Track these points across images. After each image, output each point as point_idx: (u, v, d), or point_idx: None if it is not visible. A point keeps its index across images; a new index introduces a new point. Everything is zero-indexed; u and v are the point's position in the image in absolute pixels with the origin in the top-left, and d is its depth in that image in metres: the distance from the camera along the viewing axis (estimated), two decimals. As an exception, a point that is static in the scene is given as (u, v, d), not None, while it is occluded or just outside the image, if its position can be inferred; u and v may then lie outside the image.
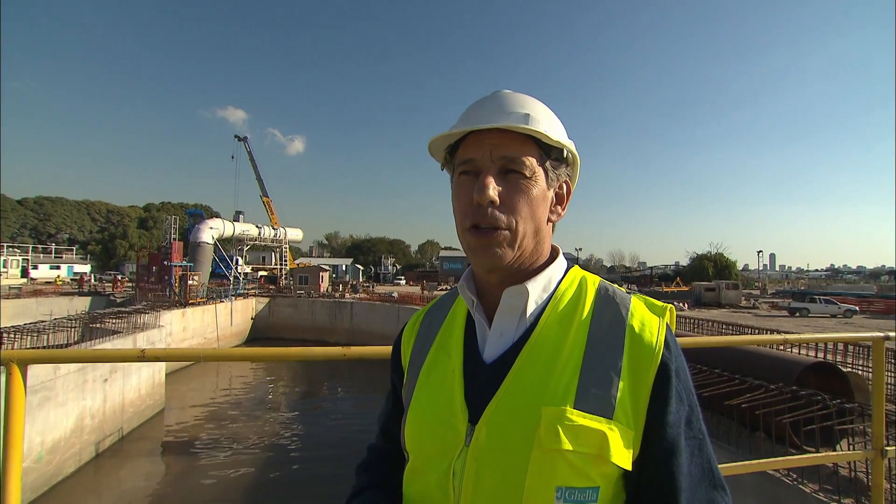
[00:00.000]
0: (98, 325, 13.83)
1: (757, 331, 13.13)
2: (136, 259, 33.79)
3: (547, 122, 0.63)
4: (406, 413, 0.68)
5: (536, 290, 0.63)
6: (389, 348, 1.29)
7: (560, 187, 0.67)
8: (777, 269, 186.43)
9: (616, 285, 0.68)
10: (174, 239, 26.20)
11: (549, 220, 0.66)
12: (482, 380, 0.61)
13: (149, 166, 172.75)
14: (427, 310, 0.80)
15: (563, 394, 0.55)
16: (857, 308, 24.60)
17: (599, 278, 0.67)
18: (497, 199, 0.59)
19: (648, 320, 0.60)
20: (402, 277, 65.28)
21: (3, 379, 1.19)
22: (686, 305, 28.29)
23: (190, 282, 23.76)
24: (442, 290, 42.57)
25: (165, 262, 25.05)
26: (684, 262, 65.43)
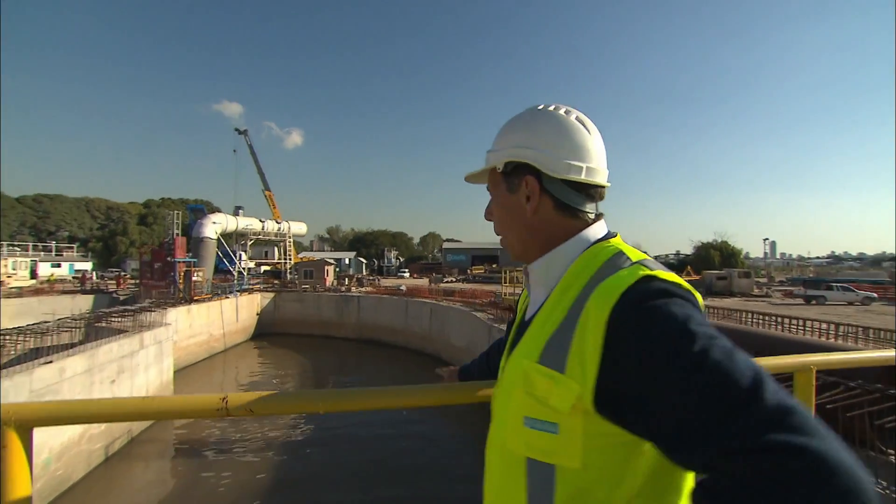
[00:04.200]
0: (103, 325, 13.38)
1: (783, 318, 12.62)
2: (137, 256, 33.24)
3: (493, 154, 0.82)
4: None
5: (540, 268, 0.78)
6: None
7: (527, 187, 0.78)
8: (778, 256, 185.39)
9: (642, 261, 0.67)
10: (177, 234, 25.69)
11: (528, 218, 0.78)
12: (518, 335, 0.80)
13: (147, 163, 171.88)
14: None
15: (539, 352, 0.68)
16: (875, 294, 24.10)
17: (618, 250, 0.71)
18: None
19: (607, 291, 0.63)
20: (406, 270, 64.76)
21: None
22: (697, 294, 27.76)
23: (194, 278, 23.29)
24: (448, 282, 42.16)
25: (169, 259, 24.57)
26: (685, 250, 64.95)
